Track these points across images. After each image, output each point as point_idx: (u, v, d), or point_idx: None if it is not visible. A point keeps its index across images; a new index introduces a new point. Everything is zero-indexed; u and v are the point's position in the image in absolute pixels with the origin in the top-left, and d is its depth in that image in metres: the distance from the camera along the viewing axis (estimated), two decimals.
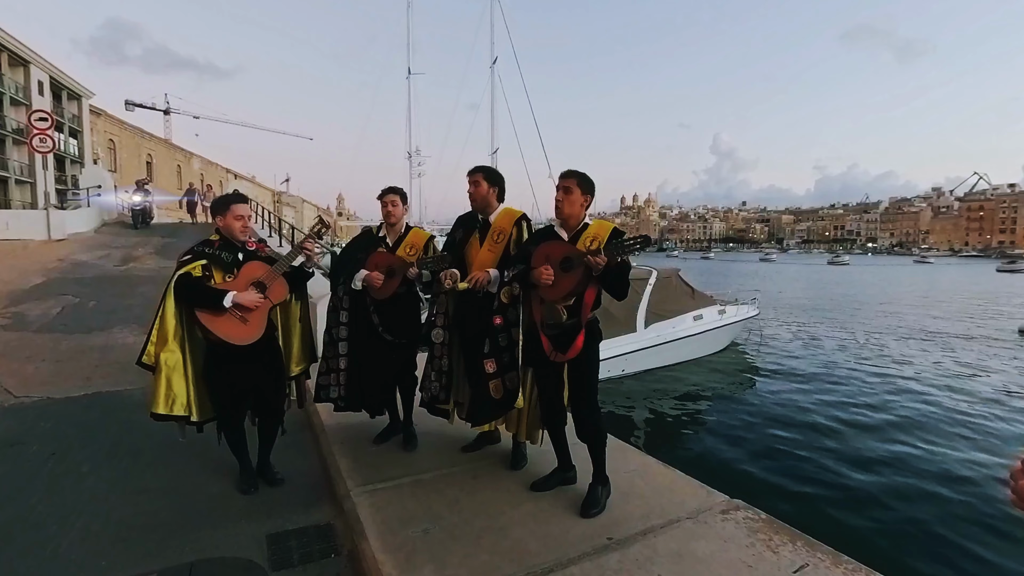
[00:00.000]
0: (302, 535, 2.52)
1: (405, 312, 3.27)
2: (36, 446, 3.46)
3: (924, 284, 41.76)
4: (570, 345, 2.55)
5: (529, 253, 2.65)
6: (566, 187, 2.63)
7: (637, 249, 2.37)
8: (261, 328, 2.69)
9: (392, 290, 3.10)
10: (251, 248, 2.83)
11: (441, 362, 3.11)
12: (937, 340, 16.66)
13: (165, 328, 2.64)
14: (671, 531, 2.42)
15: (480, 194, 3.07)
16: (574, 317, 2.56)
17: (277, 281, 2.74)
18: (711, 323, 12.10)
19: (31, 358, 5.58)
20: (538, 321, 2.64)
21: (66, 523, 2.57)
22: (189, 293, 2.62)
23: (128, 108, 58.37)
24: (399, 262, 3.10)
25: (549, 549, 2.26)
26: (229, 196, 2.89)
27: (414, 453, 3.26)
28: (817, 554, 2.25)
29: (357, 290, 3.18)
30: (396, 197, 3.29)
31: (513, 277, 2.65)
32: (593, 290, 2.55)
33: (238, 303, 2.60)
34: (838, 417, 8.88)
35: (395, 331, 3.20)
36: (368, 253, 3.21)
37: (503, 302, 2.72)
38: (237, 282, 2.69)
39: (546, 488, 2.78)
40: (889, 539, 5.29)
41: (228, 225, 2.76)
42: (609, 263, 2.35)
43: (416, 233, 3.34)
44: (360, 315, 3.22)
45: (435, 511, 2.58)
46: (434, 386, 3.13)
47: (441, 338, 3.10)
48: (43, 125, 14.66)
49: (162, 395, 2.61)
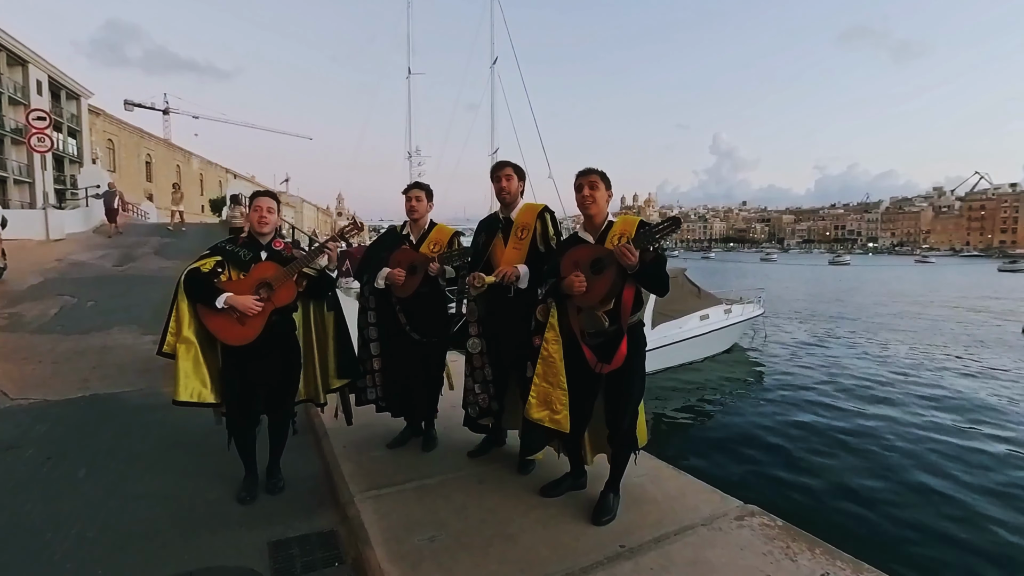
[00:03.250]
0: (305, 542, 2.45)
1: (432, 310, 3.20)
2: (32, 450, 3.38)
3: (925, 284, 41.70)
4: (614, 353, 2.41)
5: (557, 264, 2.53)
6: (592, 183, 2.51)
7: (668, 234, 2.25)
8: (257, 331, 2.62)
9: (414, 287, 3.03)
10: (277, 248, 2.76)
11: (484, 372, 3.01)
12: (938, 340, 16.59)
13: (180, 319, 2.65)
14: (685, 538, 2.35)
15: (512, 189, 3.00)
16: (615, 322, 2.41)
17: (286, 284, 2.65)
18: (717, 323, 12.02)
19: (28, 359, 5.51)
20: (578, 332, 2.49)
21: (61, 530, 2.50)
22: (191, 288, 2.62)
23: (127, 108, 58.43)
24: (421, 259, 3.03)
25: (560, 558, 2.19)
26: (257, 191, 2.90)
27: (419, 457, 3.19)
28: (837, 562, 2.18)
29: (381, 289, 3.12)
30: (420, 192, 3.23)
31: (547, 293, 2.53)
32: (631, 290, 2.41)
33: (231, 305, 2.56)
34: (848, 418, 8.78)
35: (422, 329, 3.13)
36: (392, 251, 3.16)
37: (539, 320, 2.59)
38: (245, 282, 2.65)
39: (556, 494, 2.71)
40: (911, 547, 5.12)
41: (249, 218, 2.77)
42: (642, 256, 2.25)
43: (440, 229, 3.27)
44: (387, 314, 3.17)
45: (441, 518, 2.50)
46: (481, 398, 3.01)
47: (479, 347, 3.00)
48: (41, 124, 14.60)
49: (182, 383, 2.60)
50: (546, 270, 2.66)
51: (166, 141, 50.60)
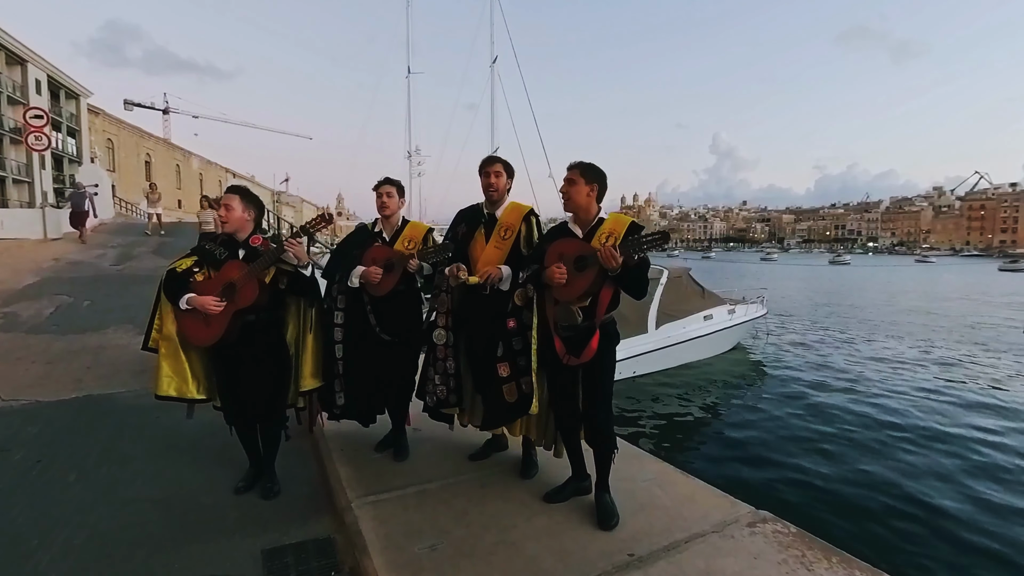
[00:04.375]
0: (300, 550, 2.35)
1: (405, 310, 3.08)
2: (21, 453, 3.29)
3: (926, 283, 41.60)
4: (584, 347, 2.42)
5: (543, 252, 2.52)
6: (569, 179, 2.53)
7: (655, 247, 2.23)
8: (219, 331, 2.55)
9: (391, 286, 2.92)
10: (255, 245, 2.68)
11: (446, 364, 2.93)
12: (940, 339, 16.50)
13: (163, 316, 2.69)
14: (696, 546, 2.26)
15: (500, 186, 2.92)
16: (589, 319, 2.43)
17: (248, 283, 2.55)
18: (721, 323, 11.93)
19: (21, 359, 5.42)
20: (551, 323, 2.50)
21: (48, 536, 2.41)
22: (168, 287, 2.64)
23: (127, 107, 58.35)
24: (398, 256, 2.91)
25: (567, 567, 2.10)
26: (229, 186, 2.82)
27: (418, 461, 3.09)
28: (856, 572, 2.10)
29: (354, 288, 2.99)
30: (391, 188, 3.12)
31: (527, 278, 2.51)
32: (609, 290, 2.41)
33: (193, 305, 2.54)
34: (855, 419, 8.63)
35: (393, 330, 3.01)
36: (364, 249, 3.03)
37: (517, 304, 2.58)
38: (214, 281, 2.62)
39: (560, 499, 2.62)
40: (927, 553, 4.97)
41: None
42: (626, 262, 2.23)
43: (414, 226, 3.16)
44: (356, 315, 3.03)
45: (442, 524, 2.41)
46: (440, 390, 2.94)
47: (444, 339, 2.92)
48: (38, 123, 14.51)
49: (164, 378, 2.65)
50: (530, 255, 2.68)
51: (166, 141, 50.51)
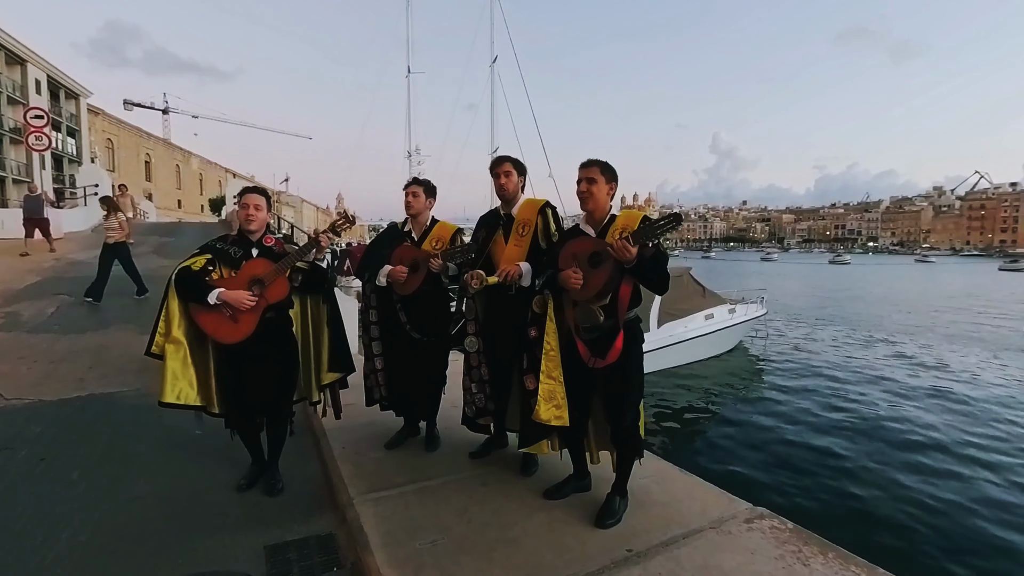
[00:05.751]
0: (303, 546, 2.38)
1: (433, 308, 3.13)
2: (24, 451, 3.31)
3: (926, 283, 41.62)
4: (609, 348, 2.36)
5: (556, 255, 2.49)
6: (590, 178, 2.44)
7: (668, 230, 2.18)
8: (251, 328, 2.57)
9: (416, 285, 2.96)
10: (267, 244, 2.71)
11: (480, 371, 2.95)
12: (939, 339, 16.52)
13: (170, 319, 2.61)
14: (694, 542, 2.28)
15: (512, 185, 2.93)
16: (611, 317, 2.36)
17: (277, 280, 2.59)
18: (722, 322, 11.97)
19: (24, 359, 5.43)
20: (572, 326, 2.44)
21: (52, 534, 2.43)
22: (183, 286, 2.57)
23: (127, 108, 58.34)
24: (423, 255, 2.96)
25: (566, 562, 2.13)
26: (246, 187, 2.83)
27: (420, 458, 3.12)
28: (851, 567, 2.11)
29: (383, 287, 3.06)
30: (418, 188, 3.16)
31: (543, 284, 2.47)
32: (628, 286, 2.36)
33: (225, 300, 2.51)
34: (853, 418, 8.71)
35: (423, 328, 3.07)
36: (393, 248, 3.09)
37: (536, 312, 2.54)
38: (236, 279, 2.59)
39: (560, 496, 2.64)
40: (923, 550, 5.01)
41: (239, 216, 2.72)
42: (641, 252, 2.18)
43: (442, 226, 3.20)
44: (388, 312, 3.11)
45: (443, 521, 2.44)
46: (478, 398, 2.96)
47: (476, 346, 2.94)
48: (39, 123, 14.53)
49: (168, 384, 2.57)
50: (544, 261, 2.62)
51: (165, 141, 50.53)
